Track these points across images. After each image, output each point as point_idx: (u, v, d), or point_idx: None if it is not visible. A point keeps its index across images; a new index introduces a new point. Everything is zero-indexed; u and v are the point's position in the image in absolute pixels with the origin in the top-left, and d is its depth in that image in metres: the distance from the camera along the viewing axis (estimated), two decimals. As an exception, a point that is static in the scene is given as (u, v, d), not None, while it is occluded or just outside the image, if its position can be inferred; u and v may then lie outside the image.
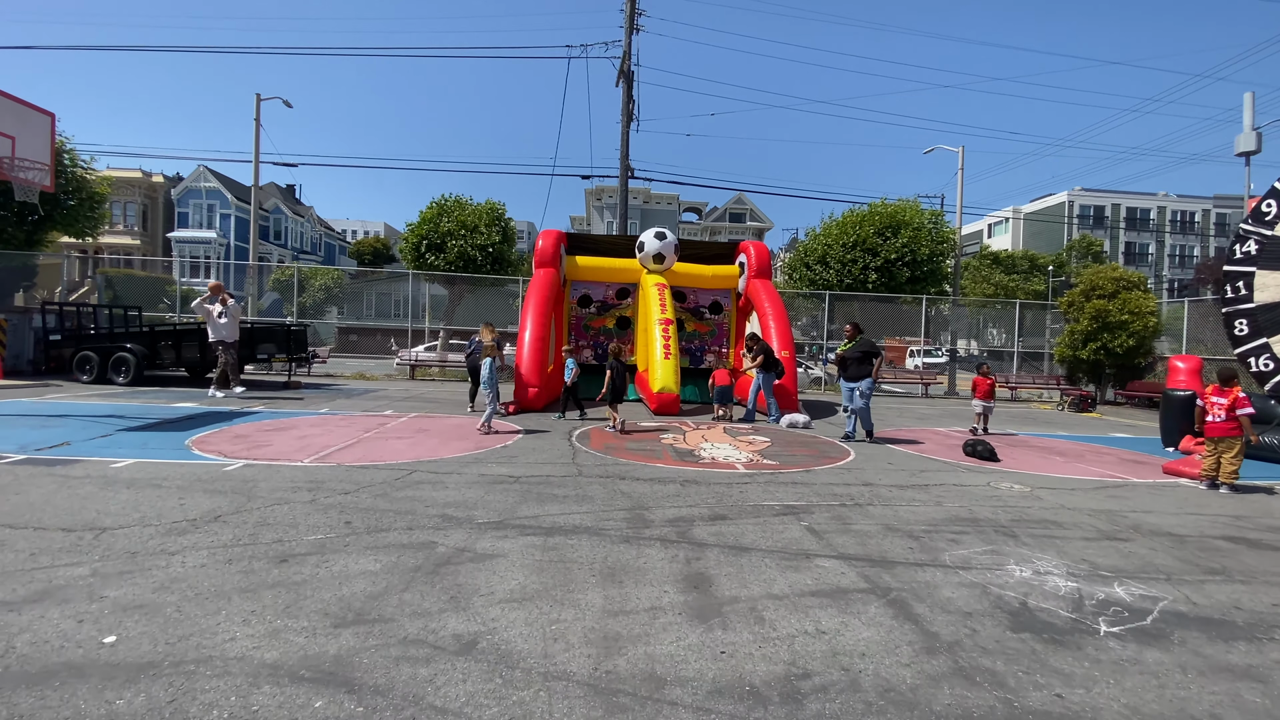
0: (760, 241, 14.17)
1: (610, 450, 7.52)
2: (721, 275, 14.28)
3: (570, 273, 13.84)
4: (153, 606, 2.97)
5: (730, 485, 5.94)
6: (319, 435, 7.81)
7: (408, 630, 2.83)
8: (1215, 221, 55.77)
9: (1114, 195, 54.95)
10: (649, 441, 8.28)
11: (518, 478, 5.91)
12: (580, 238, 14.47)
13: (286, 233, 52.93)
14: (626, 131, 21.43)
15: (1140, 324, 18.62)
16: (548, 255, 12.97)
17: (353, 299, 41.18)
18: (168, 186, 49.38)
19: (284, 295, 39.35)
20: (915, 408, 15.15)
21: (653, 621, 2.99)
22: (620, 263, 13.92)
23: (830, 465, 7.17)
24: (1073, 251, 48.32)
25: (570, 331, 14.24)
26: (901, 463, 7.53)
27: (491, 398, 8.59)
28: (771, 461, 7.26)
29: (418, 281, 31.85)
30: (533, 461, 6.70)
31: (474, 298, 21.40)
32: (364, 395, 12.71)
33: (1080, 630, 3.16)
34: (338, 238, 65.16)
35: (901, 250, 20.46)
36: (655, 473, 6.37)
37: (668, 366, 11.27)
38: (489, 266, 19.29)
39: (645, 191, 53.93)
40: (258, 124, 20.96)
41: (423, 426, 8.87)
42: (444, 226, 18.89)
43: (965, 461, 7.84)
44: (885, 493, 5.89)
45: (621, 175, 21.27)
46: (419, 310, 33.82)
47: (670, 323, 11.94)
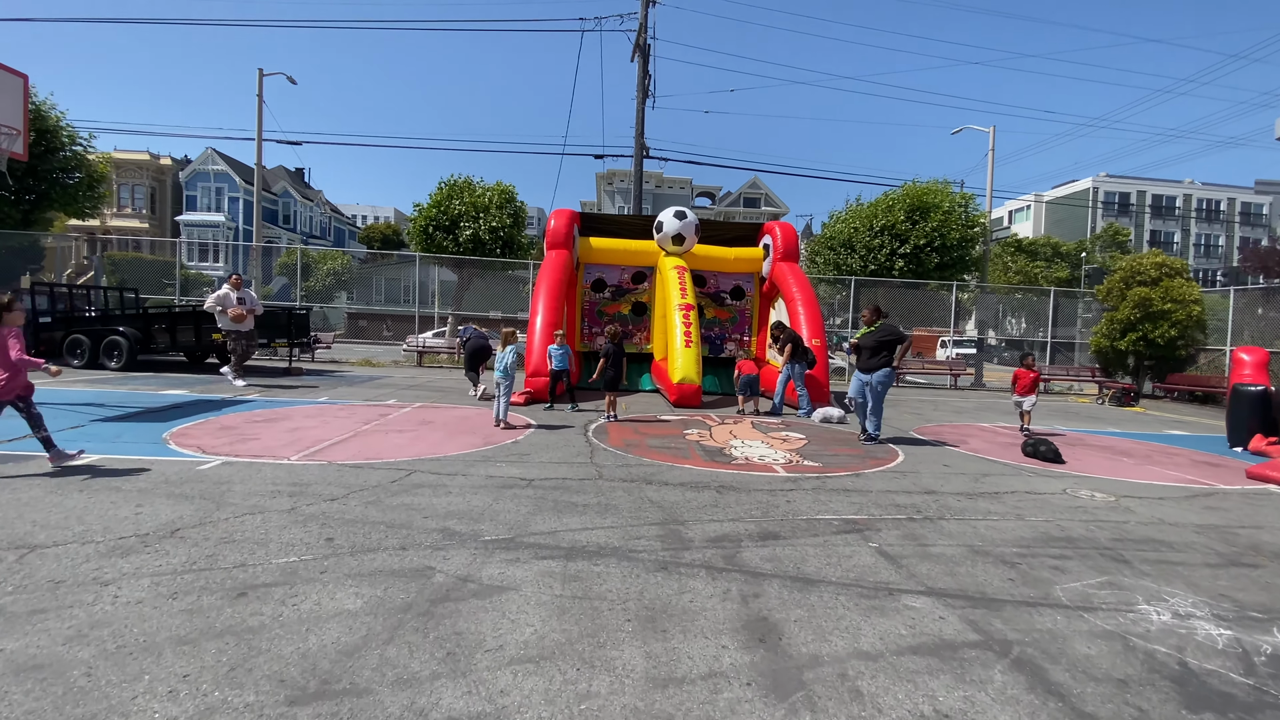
0: (787, 223, 13.32)
1: (631, 448, 6.78)
2: (744, 258, 13.45)
3: (584, 255, 13.06)
4: (56, 667, 2.26)
5: (774, 493, 5.18)
6: (313, 428, 7.12)
7: (389, 709, 2.10)
8: (1241, 211, 54.08)
9: (1139, 182, 53.33)
10: (672, 438, 7.52)
11: (530, 480, 5.18)
12: (594, 218, 13.67)
13: (295, 217, 52.35)
14: (642, 108, 20.54)
15: (1183, 313, 17.62)
16: (560, 236, 12.20)
17: (362, 284, 40.60)
18: (176, 169, 48.90)
19: (292, 279, 38.93)
20: (948, 400, 14.30)
21: (714, 698, 2.24)
22: (636, 244, 13.11)
23: (880, 468, 6.39)
24: (1098, 241, 46.94)
25: (583, 317, 13.49)
26: (959, 465, 6.75)
27: (505, 388, 7.85)
28: (813, 463, 6.49)
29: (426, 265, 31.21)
30: (546, 461, 5.97)
31: (483, 282, 20.68)
32: (367, 383, 12.03)
33: (1268, 703, 2.39)
34: (348, 223, 64.60)
35: (930, 235, 19.51)
36: (685, 475, 5.62)
37: (689, 355, 10.50)
38: (499, 250, 18.54)
39: (658, 175, 52.89)
40: (260, 99, 20.23)
41: (427, 418, 8.17)
42: (454, 209, 18.13)
43: (1027, 463, 7.04)
44: (954, 503, 5.11)
45: (636, 154, 20.40)
46: (428, 296, 33.24)
47: (691, 308, 11.15)
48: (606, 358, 8.68)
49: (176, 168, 48.82)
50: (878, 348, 7.79)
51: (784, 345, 9.87)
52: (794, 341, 9.79)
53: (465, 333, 11.30)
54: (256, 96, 20.23)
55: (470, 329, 11.42)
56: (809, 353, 9.95)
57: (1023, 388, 9.09)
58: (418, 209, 18.79)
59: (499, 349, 7.90)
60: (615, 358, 8.69)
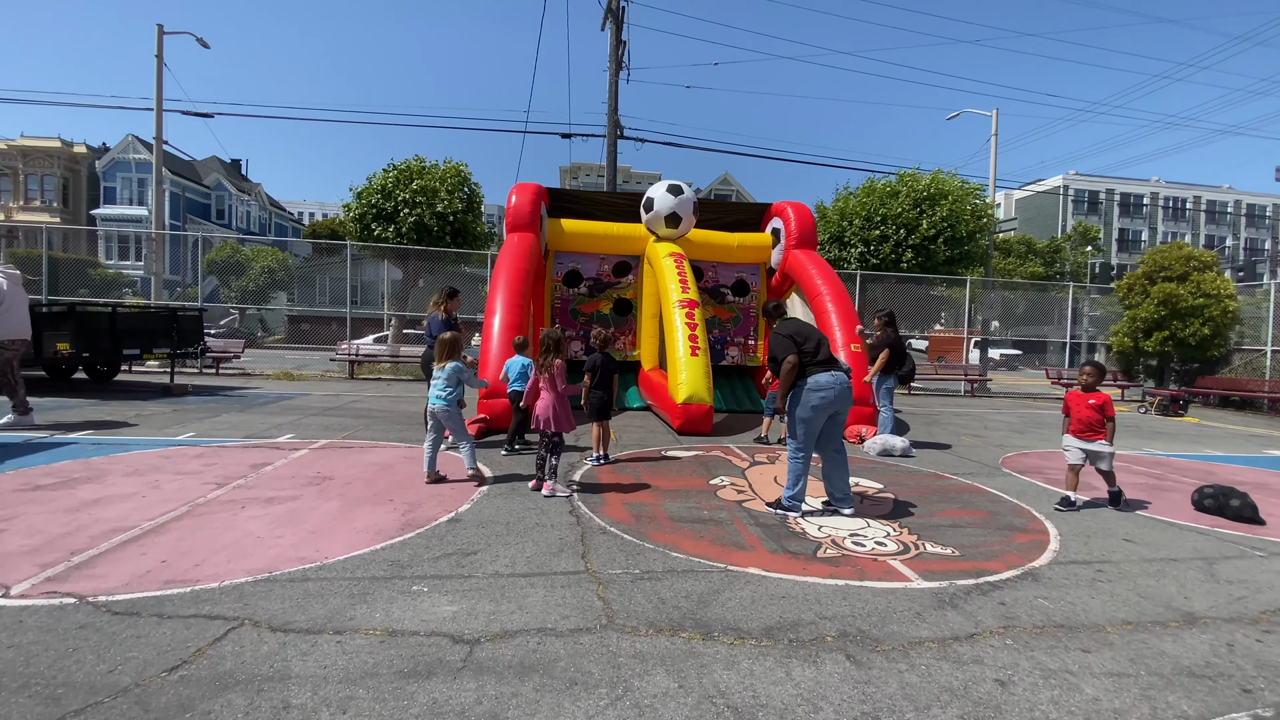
0: (800, 203, 11.01)
1: (645, 525, 4.25)
2: (749, 245, 11.05)
3: (554, 241, 10.47)
4: None
5: (944, 644, 2.72)
6: (123, 498, 4.39)
7: None
8: (1204, 209, 54.54)
9: (1108, 180, 53.23)
10: (700, 496, 5.02)
11: (474, 641, 2.61)
12: (567, 195, 11.09)
13: (230, 211, 48.11)
14: (615, 81, 18.03)
15: (1217, 309, 15.96)
16: (524, 216, 9.59)
17: (304, 284, 36.96)
18: (92, 158, 44.26)
19: (222, 279, 35.15)
20: (982, 413, 12.13)
21: None
22: (619, 228, 10.59)
23: (1048, 557, 4.02)
24: (1070, 239, 46.37)
25: (554, 318, 10.89)
26: (1145, 536, 4.41)
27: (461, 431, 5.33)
28: (939, 547, 4.06)
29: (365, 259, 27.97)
30: (506, 572, 3.39)
31: (432, 279, 17.83)
32: (271, 405, 9.19)
33: None
34: (291, 219, 60.20)
35: (940, 225, 17.49)
36: (760, 599, 3.13)
37: (695, 367, 8.03)
38: (449, 239, 15.75)
39: (625, 170, 50.43)
40: (160, 61, 16.99)
41: (326, 469, 5.47)
42: (399, 195, 15.28)
43: (1223, 526, 4.77)
44: (1258, 648, 2.74)
45: (609, 132, 17.87)
46: (375, 296, 29.93)
47: (695, 305, 8.68)
48: (592, 373, 6.16)
49: (92, 156, 44.18)
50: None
51: (879, 348, 7.50)
52: (894, 346, 7.43)
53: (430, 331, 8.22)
54: (156, 57, 16.99)
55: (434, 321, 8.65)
56: (908, 360, 7.60)
57: (1085, 424, 5.05)
58: (354, 194, 15.84)
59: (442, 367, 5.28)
60: (604, 373, 6.16)
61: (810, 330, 4.76)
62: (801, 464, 4.58)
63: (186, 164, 46.44)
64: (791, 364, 4.52)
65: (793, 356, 4.53)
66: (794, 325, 4.76)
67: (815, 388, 4.44)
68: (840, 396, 4.47)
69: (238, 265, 34.09)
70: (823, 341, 4.69)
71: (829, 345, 4.75)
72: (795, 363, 4.52)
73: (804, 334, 4.67)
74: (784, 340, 4.61)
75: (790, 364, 4.52)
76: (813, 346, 4.57)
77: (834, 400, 4.45)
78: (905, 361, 7.47)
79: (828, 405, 4.45)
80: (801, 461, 4.58)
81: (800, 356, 4.55)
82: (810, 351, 4.56)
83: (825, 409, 4.46)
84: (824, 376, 4.46)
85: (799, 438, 4.57)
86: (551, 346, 4.97)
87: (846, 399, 4.53)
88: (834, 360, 4.65)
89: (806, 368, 4.54)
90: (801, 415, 4.50)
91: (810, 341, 4.60)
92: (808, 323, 4.85)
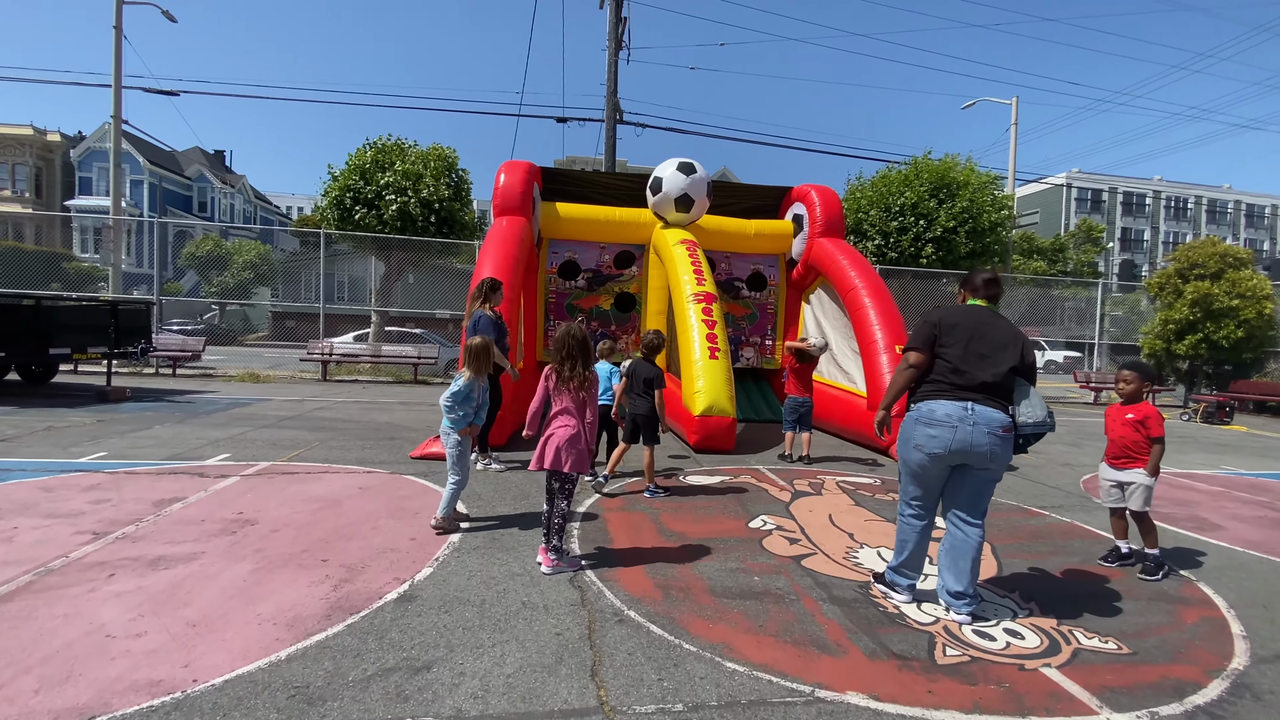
0: (826, 186, 9.81)
1: (678, 605, 3.04)
2: (767, 234, 9.85)
3: (548, 227, 9.24)
4: None
5: None
6: (-53, 560, 3.14)
7: None
8: (1206, 209, 53.83)
9: (1111, 179, 52.37)
10: (740, 548, 3.82)
11: None
12: (563, 176, 9.84)
13: (213, 204, 46.51)
14: (615, 62, 16.79)
15: (1253, 310, 14.91)
16: (514, 197, 8.36)
17: (290, 279, 35.49)
18: (66, 146, 42.60)
19: (202, 274, 33.66)
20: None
21: None
22: (622, 213, 9.36)
23: (1248, 655, 2.84)
24: (1074, 237, 45.54)
25: (547, 314, 9.66)
26: (1357, 617, 3.25)
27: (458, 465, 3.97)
28: (1099, 640, 2.87)
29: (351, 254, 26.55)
30: (473, 714, 2.17)
31: (418, 272, 16.57)
32: (217, 414, 7.92)
33: None
34: (277, 213, 58.54)
35: (960, 216, 16.34)
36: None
37: (715, 372, 6.83)
38: (435, 229, 14.45)
39: (622, 165, 49.20)
40: (119, 33, 15.62)
41: (249, 509, 4.23)
42: (380, 179, 13.97)
43: None
44: None
45: (608, 115, 16.62)
46: (364, 292, 28.49)
47: (713, 299, 7.48)
48: (630, 378, 4.97)
49: (67, 145, 42.53)
50: None
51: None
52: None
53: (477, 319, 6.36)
54: (114, 29, 15.61)
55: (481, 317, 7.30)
56: None
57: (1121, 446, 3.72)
58: (331, 177, 14.48)
59: (460, 373, 4.02)
60: (645, 384, 4.95)
61: (977, 325, 2.93)
62: (908, 526, 3.09)
63: (167, 154, 44.88)
64: (905, 367, 2.99)
65: (914, 355, 2.97)
66: (956, 314, 3.00)
67: (926, 419, 2.87)
68: (970, 443, 2.78)
69: (219, 259, 32.60)
70: (989, 354, 2.87)
71: (1002, 357, 2.86)
72: (914, 367, 2.97)
73: (958, 327, 2.92)
74: (921, 327, 3.02)
75: (904, 366, 3.00)
76: (958, 352, 2.89)
77: (953, 448, 2.80)
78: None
79: (943, 453, 2.83)
80: (907, 523, 3.09)
81: (931, 356, 2.93)
82: (952, 359, 2.88)
83: (940, 458, 2.86)
84: (944, 406, 2.83)
85: (906, 489, 3.09)
86: (576, 350, 3.37)
87: (988, 449, 2.78)
88: (989, 386, 2.83)
89: (925, 383, 2.95)
90: (905, 456, 3.02)
91: (958, 343, 2.89)
92: (984, 316, 2.98)
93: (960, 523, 2.95)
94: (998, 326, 2.95)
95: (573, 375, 3.35)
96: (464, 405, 3.96)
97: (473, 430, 4.06)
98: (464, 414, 3.97)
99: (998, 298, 3.11)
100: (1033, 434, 2.83)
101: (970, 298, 3.15)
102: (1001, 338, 2.91)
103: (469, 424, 4.02)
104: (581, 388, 3.35)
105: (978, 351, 2.89)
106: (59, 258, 31.30)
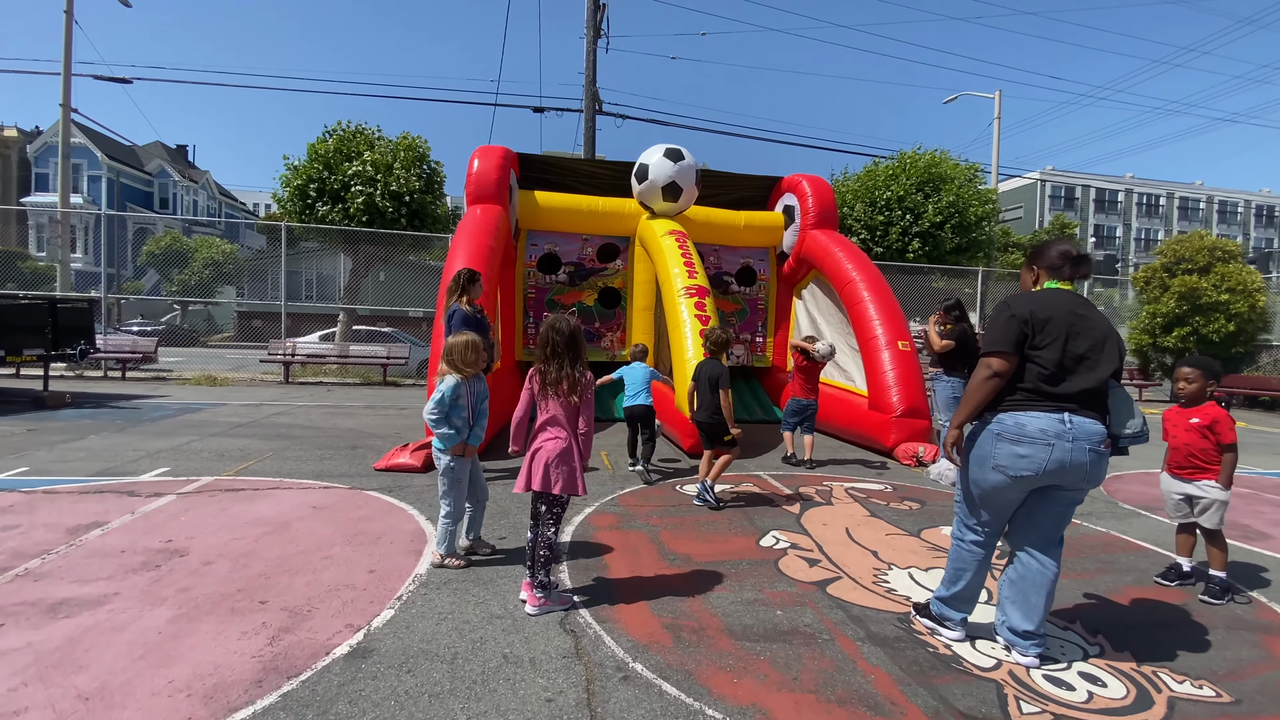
0: (817, 176, 9.39)
1: (692, 654, 2.53)
2: (758, 226, 9.40)
3: (526, 217, 8.68)
4: None
5: None
6: None
7: None
8: (1179, 205, 54.86)
9: (1084, 177, 53.09)
10: (754, 573, 3.33)
11: None
12: (541, 163, 9.27)
13: (175, 200, 44.85)
14: (593, 50, 16.25)
15: (1243, 304, 14.86)
16: (489, 184, 7.80)
17: (256, 277, 34.26)
18: (23, 141, 40.75)
19: (162, 272, 32.36)
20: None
21: None
22: (606, 203, 8.84)
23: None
24: (1049, 233, 46.06)
25: (526, 310, 9.10)
26: None
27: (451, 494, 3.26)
28: (1192, 685, 2.42)
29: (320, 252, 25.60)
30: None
31: (387, 268, 15.85)
32: (164, 420, 7.23)
33: None
34: (243, 209, 56.78)
35: (946, 211, 16.10)
36: None
37: (710, 370, 6.33)
38: (406, 222, 13.76)
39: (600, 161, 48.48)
40: (69, 18, 14.63)
41: (180, 536, 3.63)
42: (346, 169, 13.23)
43: None
44: None
45: (587, 105, 16.08)
46: (334, 290, 27.47)
47: (706, 294, 6.99)
48: (695, 380, 4.65)
49: (24, 140, 40.68)
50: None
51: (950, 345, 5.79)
52: (968, 343, 5.72)
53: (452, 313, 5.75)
54: (65, 13, 14.63)
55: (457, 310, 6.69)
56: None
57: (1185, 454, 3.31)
58: (290, 168, 13.68)
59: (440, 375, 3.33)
60: (710, 382, 4.58)
61: (1072, 319, 2.31)
62: (967, 553, 2.56)
63: (126, 149, 43.18)
64: (989, 376, 2.34)
65: (999, 361, 2.33)
66: (1047, 305, 2.35)
67: (1013, 435, 2.30)
68: (1067, 463, 2.25)
69: (179, 256, 31.31)
70: (1088, 355, 2.30)
71: (1101, 359, 2.30)
72: (1000, 376, 2.34)
73: (1052, 322, 2.30)
74: (1004, 324, 2.34)
75: (987, 374, 2.34)
76: (1054, 355, 2.28)
77: (1049, 468, 2.26)
78: (980, 364, 5.86)
79: (1034, 476, 2.29)
80: (967, 550, 2.56)
81: (1022, 362, 2.33)
82: (1048, 362, 2.29)
83: (1026, 481, 2.32)
84: (1036, 420, 2.27)
85: (968, 510, 2.54)
86: (563, 346, 2.81)
87: (1087, 468, 2.28)
88: (1088, 394, 2.29)
89: (1016, 390, 2.35)
90: (977, 478, 2.43)
91: (1055, 343, 2.29)
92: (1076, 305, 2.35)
93: (1035, 551, 2.46)
94: (1093, 320, 2.36)
95: (560, 377, 2.80)
96: (455, 415, 3.22)
97: (468, 451, 3.28)
98: (455, 430, 3.22)
99: (1087, 278, 2.51)
100: (1129, 444, 2.36)
101: (1047, 279, 2.48)
102: (1098, 333, 2.33)
103: (461, 441, 3.24)
104: (572, 392, 2.80)
105: (1075, 352, 2.30)
106: (14, 256, 29.89)
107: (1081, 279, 2.48)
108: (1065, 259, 2.46)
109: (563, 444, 2.79)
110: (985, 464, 2.40)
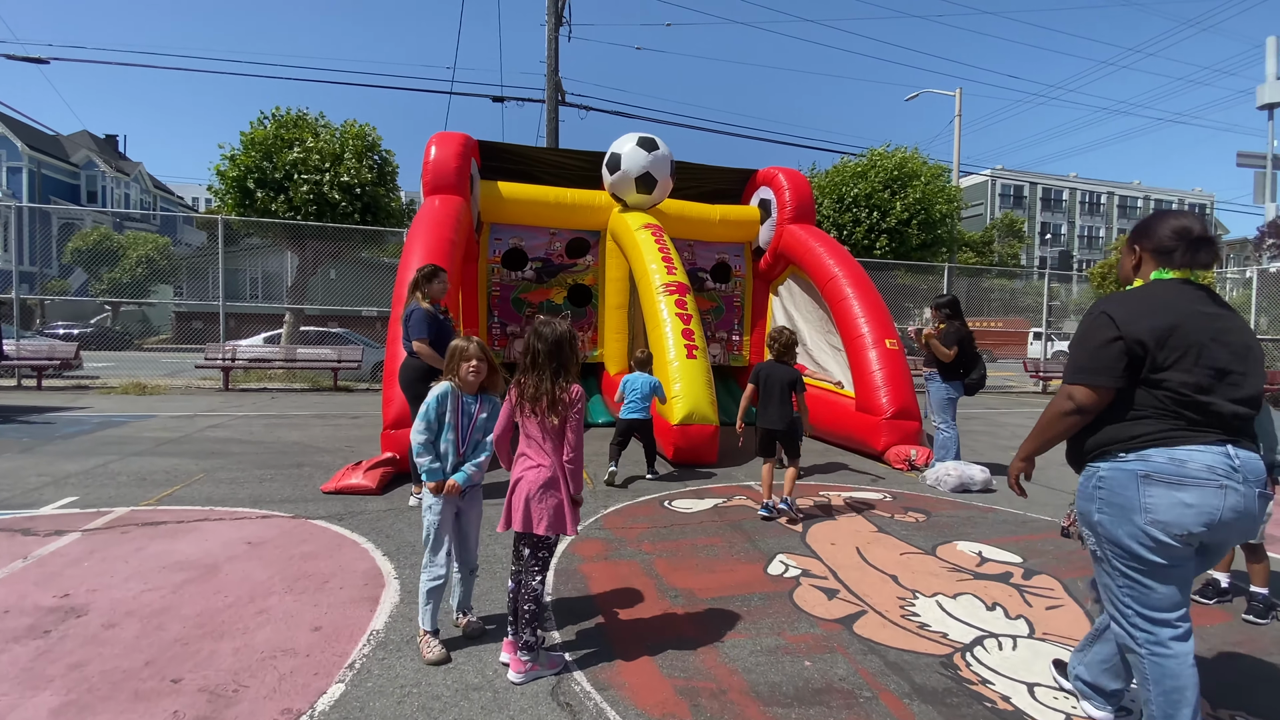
0: (793, 169, 9.06)
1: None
2: (733, 220, 9.02)
3: (489, 209, 8.10)
4: None
5: None
6: None
7: None
8: (1118, 204, 57.21)
9: (1031, 175, 54.82)
10: (768, 610, 2.91)
11: None
12: (504, 151, 8.66)
13: (105, 194, 42.14)
14: (555, 37, 15.62)
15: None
16: (449, 173, 7.20)
17: (196, 276, 32.35)
18: (-69, 130, 37.65)
19: (89, 270, 30.24)
20: (987, 414, 10.62)
21: None
22: (575, 195, 8.32)
23: None
24: (997, 229, 47.40)
25: (491, 309, 8.52)
26: None
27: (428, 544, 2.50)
28: (1293, 740, 2.10)
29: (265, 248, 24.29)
30: None
31: (339, 265, 14.93)
32: (80, 436, 6.42)
33: None
34: (180, 203, 53.83)
35: (913, 208, 16.10)
36: None
37: (694, 374, 5.94)
38: (358, 216, 12.93)
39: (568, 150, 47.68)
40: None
41: (78, 590, 3.00)
42: (287, 156, 12.32)
43: None
44: None
45: (549, 96, 15.47)
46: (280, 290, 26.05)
47: (687, 291, 6.57)
48: (762, 384, 4.35)
49: (-69, 128, 37.57)
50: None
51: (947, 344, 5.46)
52: (963, 342, 5.43)
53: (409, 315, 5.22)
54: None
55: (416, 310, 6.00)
56: (978, 364, 5.59)
57: None
58: (225, 157, 12.65)
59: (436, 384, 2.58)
60: (784, 389, 4.31)
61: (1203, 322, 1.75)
62: (1168, 661, 1.80)
63: (50, 139, 40.40)
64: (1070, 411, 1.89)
65: (1085, 394, 1.84)
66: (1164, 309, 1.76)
67: (1172, 477, 1.72)
68: (1243, 511, 1.71)
69: (109, 253, 29.31)
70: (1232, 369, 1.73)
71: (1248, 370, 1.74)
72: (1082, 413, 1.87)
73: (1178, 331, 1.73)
74: (1103, 346, 1.79)
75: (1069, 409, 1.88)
76: (1187, 375, 1.72)
77: (1224, 518, 1.70)
78: (975, 365, 5.59)
79: (1204, 531, 1.71)
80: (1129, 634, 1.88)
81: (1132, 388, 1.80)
82: (1184, 387, 1.73)
83: (1192, 539, 1.74)
84: (1198, 455, 1.72)
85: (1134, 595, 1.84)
86: (544, 356, 2.32)
87: (1255, 517, 1.74)
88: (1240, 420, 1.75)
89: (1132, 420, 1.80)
90: (1117, 537, 1.82)
91: (1187, 358, 1.72)
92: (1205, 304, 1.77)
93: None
94: (1228, 322, 1.78)
95: (540, 393, 2.30)
96: (442, 439, 2.49)
97: (452, 488, 2.47)
98: (436, 456, 2.48)
99: (1210, 266, 1.85)
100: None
101: (1158, 267, 1.88)
102: (1239, 340, 1.77)
103: (442, 477, 2.48)
104: (551, 411, 2.29)
105: (1214, 365, 1.72)
106: (-77, 255, 27.55)
107: (1202, 269, 1.85)
108: (1181, 238, 1.83)
109: (546, 473, 2.31)
110: (1129, 516, 1.78)
